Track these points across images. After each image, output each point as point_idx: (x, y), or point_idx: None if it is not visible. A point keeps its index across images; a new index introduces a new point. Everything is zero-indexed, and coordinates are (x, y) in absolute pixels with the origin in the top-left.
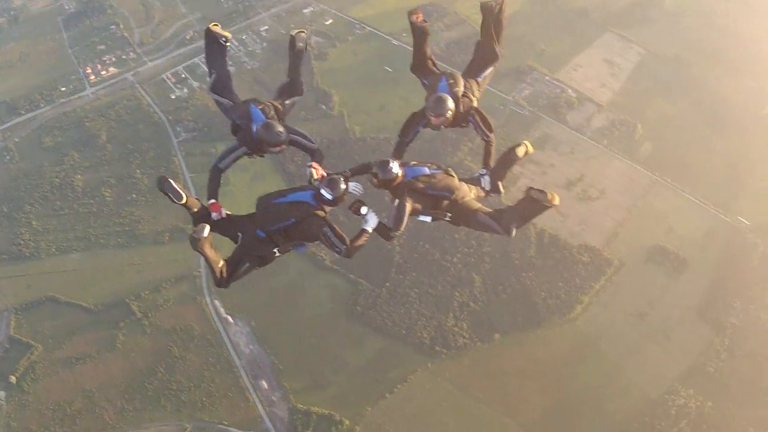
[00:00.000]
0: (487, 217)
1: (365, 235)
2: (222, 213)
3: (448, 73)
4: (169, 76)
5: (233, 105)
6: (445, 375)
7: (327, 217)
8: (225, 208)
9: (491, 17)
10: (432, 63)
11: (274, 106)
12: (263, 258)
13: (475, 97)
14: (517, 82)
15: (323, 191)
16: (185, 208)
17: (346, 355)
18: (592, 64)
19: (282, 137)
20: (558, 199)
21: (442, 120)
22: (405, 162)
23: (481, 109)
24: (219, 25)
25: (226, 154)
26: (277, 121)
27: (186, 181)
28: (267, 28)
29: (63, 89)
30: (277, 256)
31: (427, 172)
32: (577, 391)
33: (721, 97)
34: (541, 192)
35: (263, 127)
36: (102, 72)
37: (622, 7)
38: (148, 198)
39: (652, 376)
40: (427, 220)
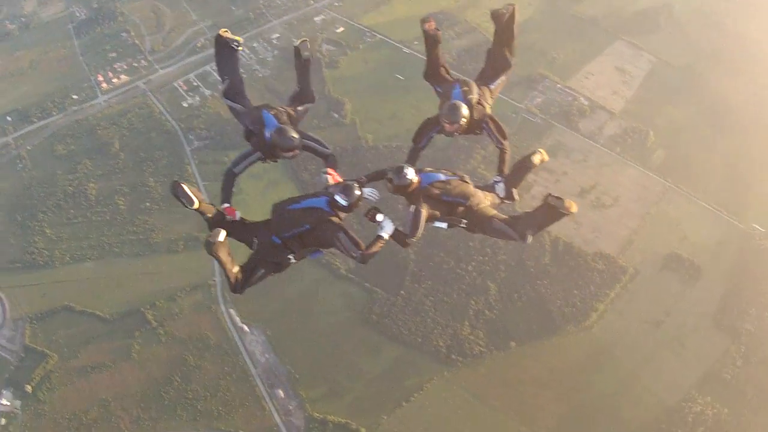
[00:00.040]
0: (503, 224)
1: (381, 242)
2: (236, 216)
3: (461, 80)
4: (181, 83)
5: (246, 111)
6: (461, 383)
7: (342, 223)
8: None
9: (502, 25)
10: (445, 70)
11: (286, 112)
12: (278, 264)
13: (488, 104)
14: (529, 90)
15: (338, 197)
16: (199, 213)
17: (362, 364)
18: (604, 71)
19: (295, 142)
20: (576, 206)
21: (456, 127)
22: (420, 168)
23: (494, 116)
24: (229, 31)
25: (240, 159)
26: (290, 126)
27: (200, 190)
28: (278, 36)
29: (75, 97)
30: (292, 262)
31: (443, 178)
32: (593, 399)
33: (733, 104)
34: (559, 199)
35: (276, 132)
36: (113, 80)
37: (632, 15)
38: (161, 206)
39: (668, 383)
40: (442, 226)
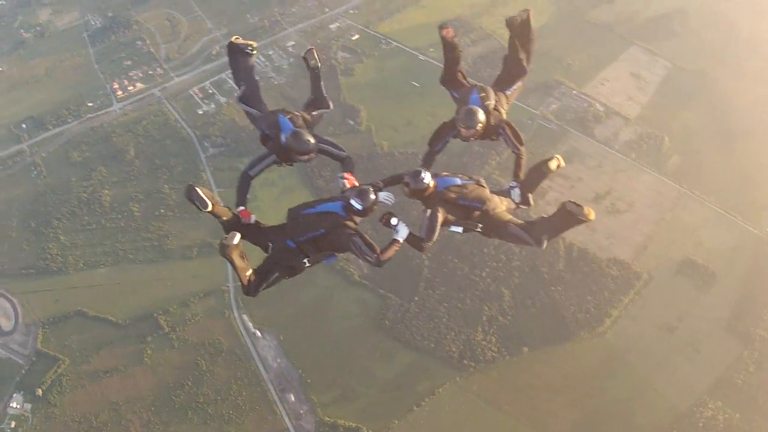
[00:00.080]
0: (519, 229)
1: (396, 245)
2: (251, 219)
3: (479, 86)
4: (196, 91)
5: (263, 115)
6: (473, 388)
7: (357, 228)
8: None
9: (517, 32)
10: (462, 76)
11: (302, 117)
12: (293, 268)
13: (504, 110)
14: (544, 97)
15: (353, 201)
16: (214, 216)
17: (374, 369)
18: (619, 77)
19: (310, 145)
20: (594, 214)
21: (472, 132)
22: (437, 172)
23: (511, 122)
24: (240, 37)
25: (256, 162)
26: (305, 130)
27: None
28: (293, 43)
29: (90, 104)
30: (307, 266)
31: (459, 182)
32: (606, 405)
33: (748, 109)
34: (579, 206)
35: (292, 135)
36: (129, 87)
37: (647, 21)
38: (176, 213)
39: (681, 389)
40: (458, 230)
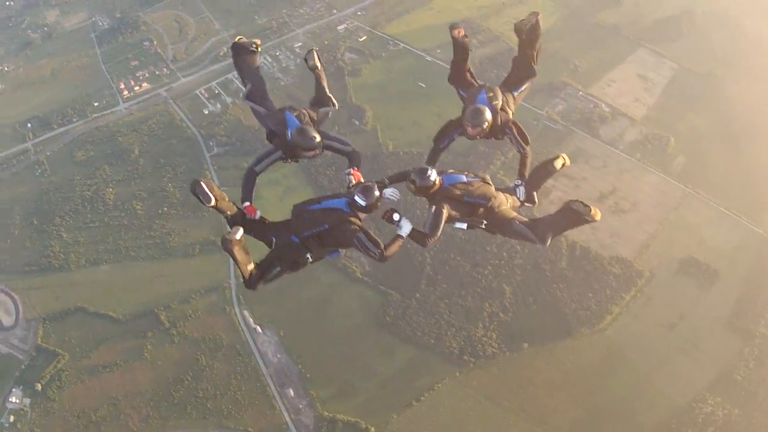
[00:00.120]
0: (523, 226)
1: (399, 241)
2: (257, 215)
3: (487, 86)
4: (203, 91)
5: (269, 112)
6: (472, 384)
7: (361, 224)
8: None
9: (525, 36)
10: (471, 75)
11: (308, 114)
12: (296, 263)
13: (511, 110)
14: (550, 98)
15: (357, 197)
16: (218, 211)
17: (375, 365)
18: (626, 79)
19: (316, 142)
20: (600, 215)
21: (478, 130)
22: (443, 170)
23: (517, 122)
24: (243, 37)
25: (262, 158)
26: (311, 127)
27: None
28: (301, 44)
29: (96, 104)
30: (310, 261)
31: (465, 179)
32: (607, 402)
33: (753, 111)
34: (585, 206)
35: (298, 132)
36: (135, 88)
37: (654, 23)
38: (179, 211)
39: (681, 385)
40: (462, 227)
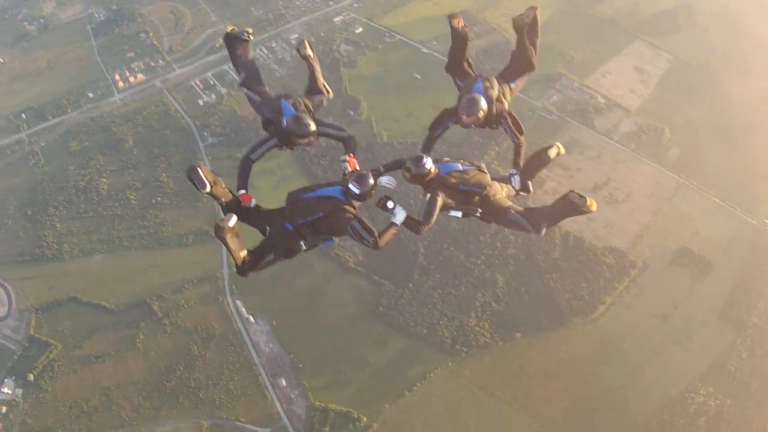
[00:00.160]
0: (518, 215)
1: (393, 228)
2: (252, 203)
3: (483, 76)
4: (198, 82)
5: (264, 100)
6: (465, 373)
7: (356, 212)
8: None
9: (524, 31)
10: (468, 65)
11: (304, 102)
12: (290, 251)
13: (507, 101)
14: (546, 89)
15: (351, 185)
16: (213, 197)
17: (367, 354)
18: (622, 71)
19: (311, 129)
20: (596, 206)
21: (473, 119)
22: (438, 158)
23: (513, 112)
24: (235, 27)
25: (257, 146)
26: (306, 114)
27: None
28: (297, 36)
29: (91, 95)
30: (304, 249)
31: (460, 168)
32: (600, 392)
33: (748, 104)
34: (581, 197)
35: (293, 119)
36: (130, 79)
37: (651, 16)
38: (173, 201)
39: (674, 375)
40: (458, 215)
